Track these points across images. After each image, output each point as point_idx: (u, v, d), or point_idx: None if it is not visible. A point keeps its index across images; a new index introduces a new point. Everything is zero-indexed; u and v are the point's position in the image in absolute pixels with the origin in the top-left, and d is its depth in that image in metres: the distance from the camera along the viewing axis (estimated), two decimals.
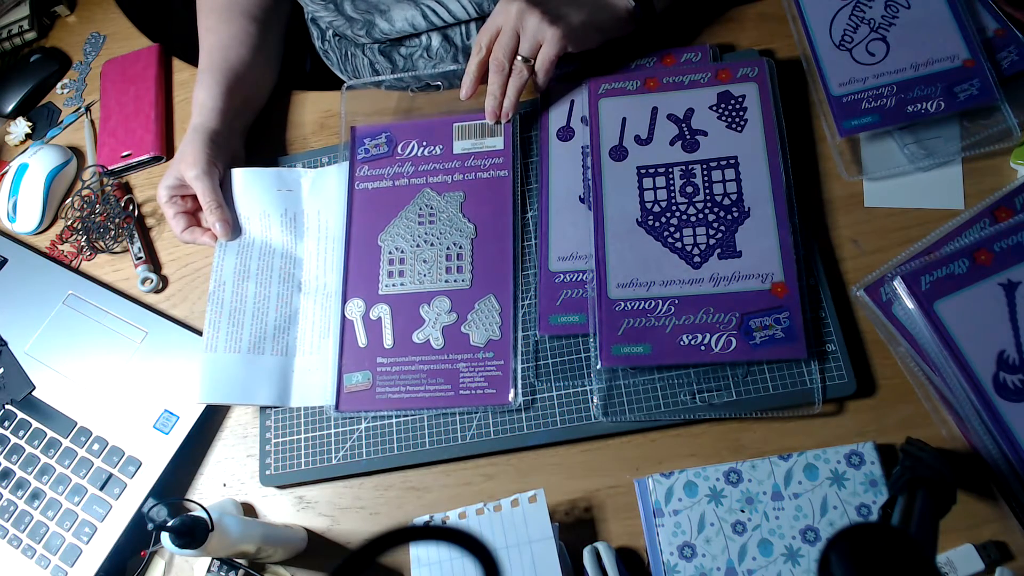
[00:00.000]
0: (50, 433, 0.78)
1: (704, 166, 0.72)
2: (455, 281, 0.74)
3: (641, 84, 0.76)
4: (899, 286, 0.62)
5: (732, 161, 0.71)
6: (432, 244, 0.75)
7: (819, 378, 0.65)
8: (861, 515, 0.60)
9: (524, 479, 0.69)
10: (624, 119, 0.75)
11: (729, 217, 0.69)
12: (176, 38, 1.05)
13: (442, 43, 0.83)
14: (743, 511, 0.62)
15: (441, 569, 0.64)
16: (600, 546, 0.63)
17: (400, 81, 0.87)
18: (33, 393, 0.81)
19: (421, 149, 0.79)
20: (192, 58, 0.99)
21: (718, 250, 0.69)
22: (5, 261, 0.89)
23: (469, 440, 0.70)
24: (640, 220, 0.71)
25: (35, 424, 0.79)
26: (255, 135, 0.91)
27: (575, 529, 0.66)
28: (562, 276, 0.71)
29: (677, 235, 0.70)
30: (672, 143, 0.73)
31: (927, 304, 0.62)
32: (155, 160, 0.92)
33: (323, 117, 0.89)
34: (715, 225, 0.69)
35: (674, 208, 0.71)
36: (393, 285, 0.75)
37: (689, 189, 0.71)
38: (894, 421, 0.65)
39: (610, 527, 0.66)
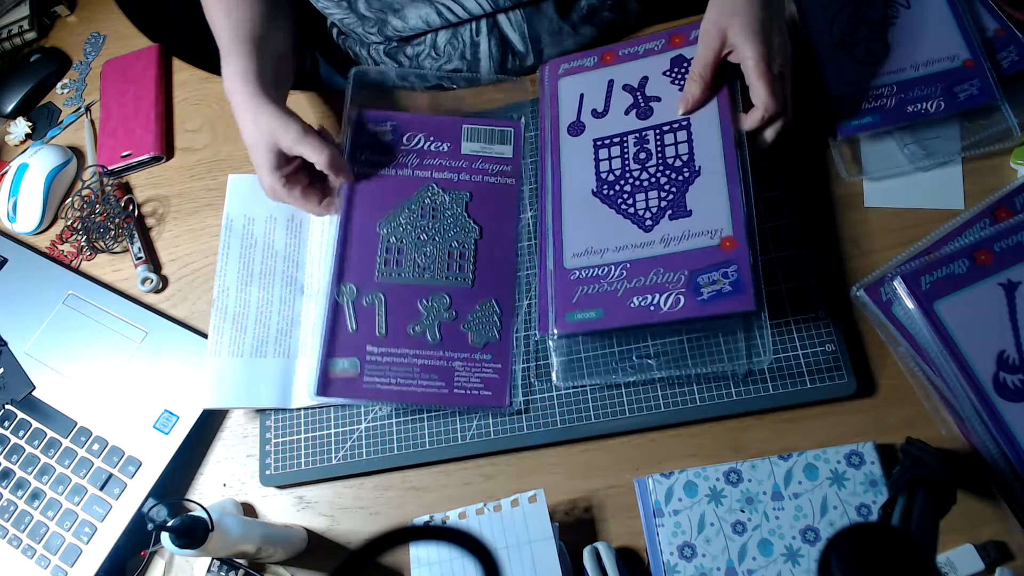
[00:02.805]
0: (50, 433, 0.78)
1: (657, 131, 0.72)
2: (456, 279, 0.74)
3: (598, 59, 0.77)
4: (899, 286, 0.62)
5: (685, 123, 0.71)
6: (434, 239, 0.75)
7: (768, 332, 0.64)
8: (861, 515, 0.60)
9: (524, 479, 0.69)
10: (582, 95, 0.76)
11: (680, 178, 0.69)
12: (176, 38, 1.05)
13: (449, 40, 0.83)
14: (743, 511, 0.62)
15: (441, 569, 0.64)
16: (600, 546, 0.63)
17: (405, 81, 0.86)
18: (33, 393, 0.81)
19: (428, 143, 0.79)
20: (192, 58, 0.99)
21: (669, 211, 0.68)
22: (5, 261, 0.89)
23: (469, 440, 0.70)
24: (595, 190, 0.71)
25: (35, 424, 0.79)
26: None
27: (575, 529, 0.66)
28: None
29: (630, 201, 0.70)
30: (627, 112, 0.74)
31: (927, 304, 0.62)
32: (155, 160, 0.92)
33: (323, 117, 0.89)
34: (667, 187, 0.69)
35: (628, 175, 0.71)
36: (390, 274, 0.74)
37: (643, 155, 0.71)
38: (894, 421, 0.65)
39: (610, 527, 0.66)
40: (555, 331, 0.67)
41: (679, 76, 0.73)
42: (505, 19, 0.81)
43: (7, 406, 0.80)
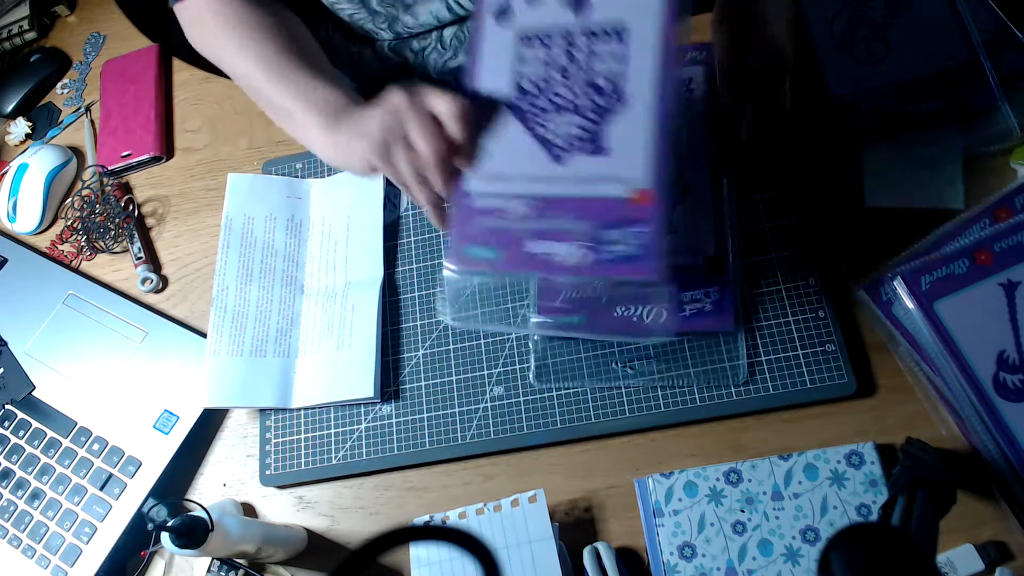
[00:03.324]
0: (50, 433, 0.78)
1: (589, 36, 0.58)
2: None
3: None
4: (899, 286, 0.62)
5: (620, 29, 0.57)
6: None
7: (673, 303, 0.61)
8: (861, 515, 0.60)
9: (524, 479, 0.69)
10: None
11: (603, 104, 0.57)
12: (176, 38, 1.05)
13: (455, 34, 0.83)
14: (743, 511, 0.62)
15: (441, 569, 0.64)
16: (600, 546, 0.63)
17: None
18: (33, 393, 0.81)
19: None
20: (192, 58, 0.99)
21: (584, 144, 0.57)
22: (5, 261, 0.89)
23: (469, 440, 0.70)
24: (510, 101, 0.59)
25: (35, 424, 0.79)
26: (254, 134, 0.91)
27: (575, 529, 0.66)
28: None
29: (543, 121, 0.58)
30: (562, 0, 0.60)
31: (927, 304, 0.62)
32: (155, 160, 0.92)
33: None
34: (586, 113, 0.57)
35: (547, 87, 0.59)
36: None
37: (567, 65, 0.59)
38: (894, 421, 0.65)
39: (610, 527, 0.66)
40: (451, 265, 0.59)
41: None
42: None
43: (7, 406, 0.80)
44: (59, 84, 1.01)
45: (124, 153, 0.92)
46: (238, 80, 0.77)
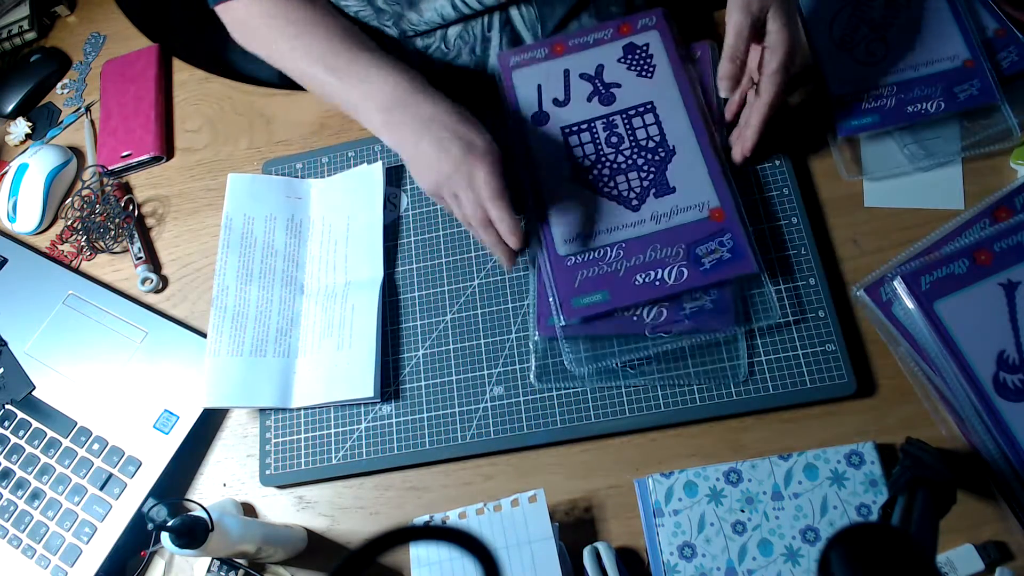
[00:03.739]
0: (50, 433, 0.78)
1: (624, 115, 0.74)
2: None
3: (549, 51, 0.79)
4: (899, 286, 0.62)
5: (649, 106, 0.74)
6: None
7: (771, 292, 0.67)
8: (861, 515, 0.60)
9: (524, 479, 0.69)
10: (539, 85, 0.78)
11: (657, 158, 0.72)
12: (176, 38, 1.05)
13: (460, 34, 0.83)
14: (743, 511, 0.62)
15: (441, 569, 0.64)
16: (600, 546, 0.63)
17: None
18: (33, 393, 0.81)
19: None
20: (192, 58, 0.99)
21: (653, 190, 0.71)
22: (5, 261, 0.89)
23: (469, 440, 0.70)
24: (572, 176, 0.73)
25: (35, 424, 0.79)
26: (254, 134, 0.91)
27: (575, 529, 0.66)
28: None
29: (612, 183, 0.72)
30: (589, 99, 0.76)
31: (927, 304, 0.62)
32: (155, 160, 0.92)
33: (323, 117, 0.89)
34: (645, 168, 0.72)
35: (603, 159, 0.73)
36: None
37: (614, 139, 0.73)
38: (894, 421, 0.65)
39: (610, 527, 0.66)
40: (563, 319, 0.68)
41: (634, 63, 0.76)
42: (517, 13, 0.81)
43: (7, 406, 0.80)
44: (59, 84, 1.01)
45: (124, 153, 0.92)
46: (294, 77, 0.78)
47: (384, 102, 0.71)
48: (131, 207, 0.89)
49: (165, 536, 0.57)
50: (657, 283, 0.67)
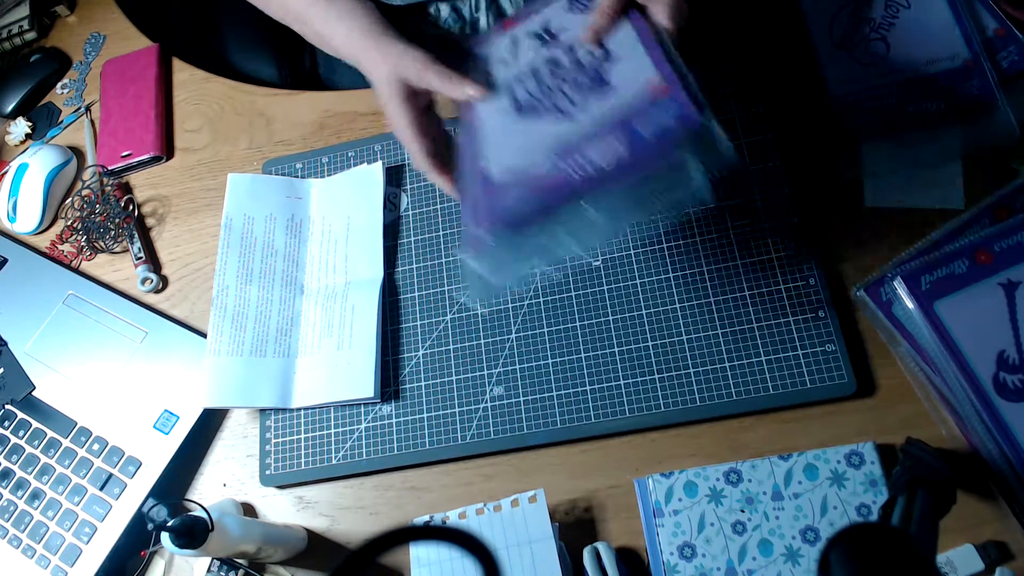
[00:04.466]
0: (50, 433, 0.78)
1: (568, 50, 0.63)
2: None
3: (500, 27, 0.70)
4: (899, 286, 0.62)
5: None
6: None
7: (716, 123, 0.54)
8: (861, 515, 0.60)
9: (524, 479, 0.69)
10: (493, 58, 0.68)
11: (595, 78, 0.60)
12: (176, 38, 1.05)
13: (450, 14, 0.83)
14: (743, 511, 0.62)
15: (441, 569, 0.64)
16: (600, 546, 0.63)
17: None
18: (33, 393, 0.81)
19: None
20: (192, 58, 0.99)
21: (592, 95, 0.59)
22: (5, 261, 0.89)
23: (469, 440, 0.70)
24: (516, 106, 0.62)
25: (35, 424, 0.79)
26: (254, 134, 0.91)
27: (575, 529, 0.66)
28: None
29: (556, 110, 0.60)
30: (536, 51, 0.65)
31: (927, 304, 0.62)
32: (155, 160, 0.92)
33: (323, 117, 0.89)
34: (582, 81, 0.61)
35: (542, 94, 0.62)
36: None
37: (549, 79, 0.63)
38: (894, 421, 0.65)
39: (610, 527, 0.66)
40: (486, 223, 0.57)
41: (579, 5, 0.65)
42: None
43: (7, 406, 0.80)
44: (59, 84, 1.01)
45: (124, 153, 0.92)
46: (276, 15, 0.76)
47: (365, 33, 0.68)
48: (131, 207, 0.89)
49: (165, 536, 0.57)
50: (585, 166, 0.55)
